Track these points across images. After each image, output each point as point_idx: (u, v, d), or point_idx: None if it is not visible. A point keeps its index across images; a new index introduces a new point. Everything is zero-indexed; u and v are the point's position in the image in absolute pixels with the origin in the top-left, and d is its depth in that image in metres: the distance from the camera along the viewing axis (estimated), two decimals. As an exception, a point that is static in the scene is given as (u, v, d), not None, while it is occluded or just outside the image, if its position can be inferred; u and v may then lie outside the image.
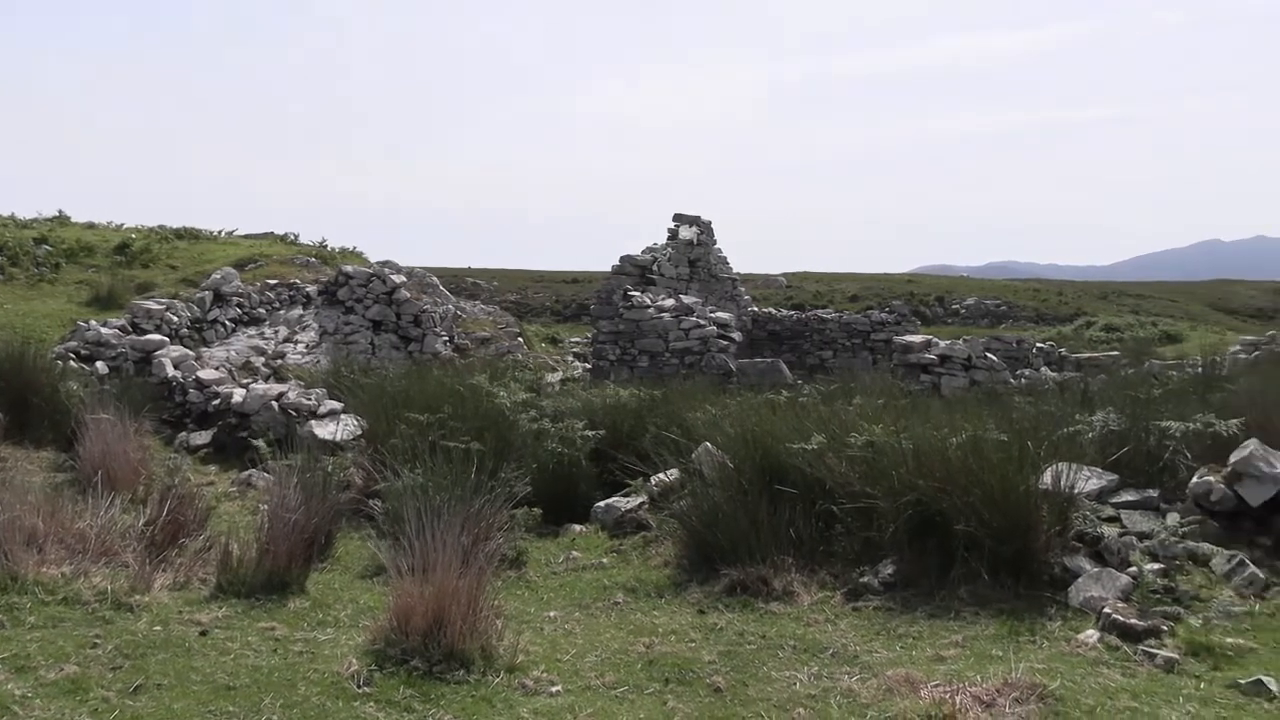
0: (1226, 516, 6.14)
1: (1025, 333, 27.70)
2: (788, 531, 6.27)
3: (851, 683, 4.49)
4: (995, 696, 4.15)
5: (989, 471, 5.79)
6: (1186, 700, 4.17)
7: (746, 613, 5.66)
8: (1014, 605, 5.43)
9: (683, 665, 4.81)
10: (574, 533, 7.65)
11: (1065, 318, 37.46)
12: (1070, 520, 5.94)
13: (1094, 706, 4.09)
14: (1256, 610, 5.23)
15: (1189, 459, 6.67)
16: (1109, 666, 4.56)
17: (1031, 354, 20.81)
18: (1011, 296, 41.46)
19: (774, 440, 6.80)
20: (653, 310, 18.72)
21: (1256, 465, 6.08)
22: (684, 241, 23.42)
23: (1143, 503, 6.45)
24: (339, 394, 11.28)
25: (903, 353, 17.09)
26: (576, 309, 37.11)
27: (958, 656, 4.78)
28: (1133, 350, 20.28)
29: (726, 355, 17.91)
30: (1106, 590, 5.36)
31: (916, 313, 31.03)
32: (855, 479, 6.23)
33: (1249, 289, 49.96)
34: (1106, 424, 7.19)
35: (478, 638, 4.77)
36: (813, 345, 25.55)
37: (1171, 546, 5.83)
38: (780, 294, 39.43)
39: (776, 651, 4.99)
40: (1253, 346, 15.73)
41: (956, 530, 5.72)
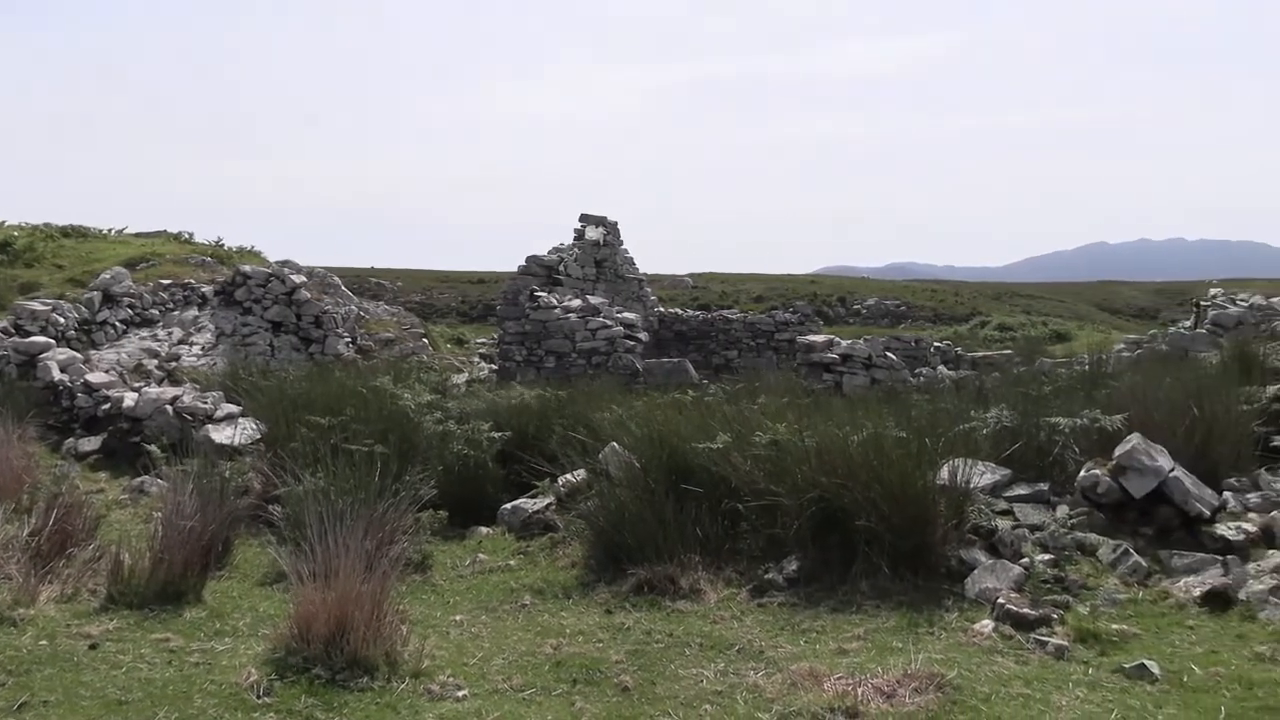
0: (1112, 508, 6.40)
1: (923, 332, 28.41)
2: (694, 530, 6.32)
3: (757, 678, 4.55)
4: (896, 687, 4.26)
5: (889, 468, 5.93)
6: (1075, 685, 4.33)
7: (654, 611, 5.69)
8: (913, 598, 5.57)
9: (590, 665, 4.81)
10: (481, 535, 7.59)
11: (961, 318, 38.54)
12: (966, 514, 6.12)
13: (989, 694, 4.22)
14: (1140, 597, 5.47)
15: (1077, 453, 6.94)
16: (1003, 655, 4.71)
17: (929, 353, 21.35)
18: (910, 297, 42.48)
19: (680, 440, 6.85)
20: (559, 311, 18.67)
21: (1139, 459, 6.36)
22: (590, 242, 23.41)
23: (1034, 496, 6.69)
24: (237, 397, 10.97)
25: (806, 352, 17.37)
26: (483, 310, 36.79)
27: (860, 649, 4.89)
28: (1025, 349, 20.95)
29: (633, 355, 17.96)
30: (1000, 581, 5.54)
31: (819, 313, 31.56)
32: (760, 477, 6.31)
33: (1132, 290, 52.12)
34: (1000, 420, 7.43)
35: (382, 643, 4.69)
36: (718, 345, 25.77)
37: (1061, 538, 6.06)
38: (686, 294, 39.71)
39: (683, 649, 5.03)
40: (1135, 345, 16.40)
41: (858, 526, 5.84)
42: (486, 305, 35.78)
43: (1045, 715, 4.02)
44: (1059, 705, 4.11)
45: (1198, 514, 6.21)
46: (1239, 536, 6.00)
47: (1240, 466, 7.10)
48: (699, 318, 27.02)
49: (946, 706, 4.09)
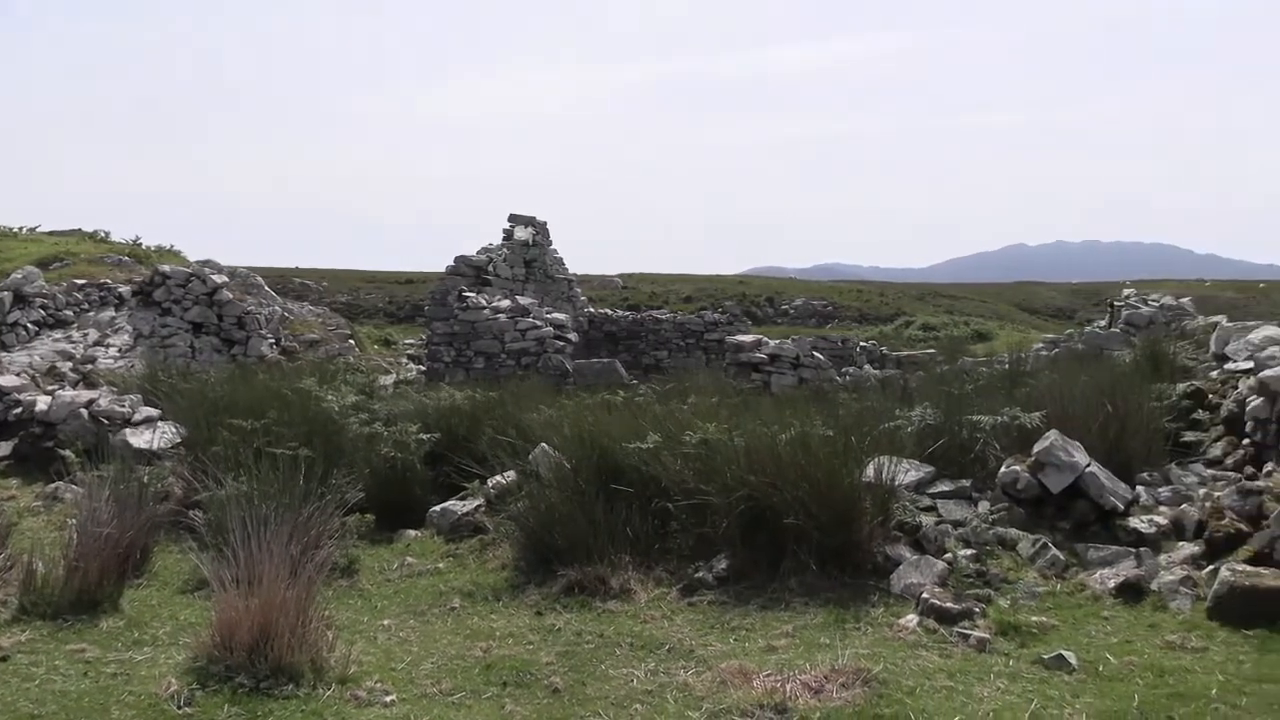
0: (1031, 503, 6.57)
1: (850, 332, 28.83)
2: (624, 530, 6.33)
3: (687, 677, 4.57)
4: (823, 683, 4.32)
5: (816, 466, 6.01)
6: (997, 677, 4.44)
7: (584, 612, 5.68)
8: (841, 594, 5.65)
9: (521, 668, 4.79)
10: (409, 538, 7.51)
11: (886, 317, 39.17)
12: (891, 511, 6.23)
13: (914, 687, 4.30)
14: (1058, 590, 5.62)
15: (998, 450, 7.11)
16: (927, 649, 4.81)
17: (855, 352, 21.67)
18: (837, 297, 43.06)
19: (610, 440, 6.86)
20: (488, 311, 18.55)
21: (1056, 455, 6.54)
22: (520, 242, 23.29)
23: (957, 492, 6.84)
24: (156, 400, 10.68)
25: (735, 352, 17.50)
26: (410, 310, 36.34)
27: (788, 646, 4.94)
28: (948, 348, 21.36)
29: (563, 356, 17.92)
30: (925, 576, 5.64)
31: (748, 313, 31.83)
32: (690, 476, 6.35)
33: (1050, 290, 53.52)
34: (924, 419, 7.58)
35: (307, 650, 4.61)
36: (648, 345, 25.84)
37: (983, 533, 6.20)
38: (616, 295, 39.73)
39: (614, 649, 5.03)
40: (1053, 344, 16.83)
41: (787, 524, 5.91)
42: (414, 306, 35.35)
43: (968, 707, 4.11)
44: (981, 696, 4.20)
45: (1112, 508, 6.41)
46: (1151, 529, 6.20)
47: (1152, 461, 7.34)
48: (629, 318, 27.06)
49: (872, 700, 4.16)
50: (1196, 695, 4.16)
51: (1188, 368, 10.01)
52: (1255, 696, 4.14)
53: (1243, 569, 5.19)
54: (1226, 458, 7.66)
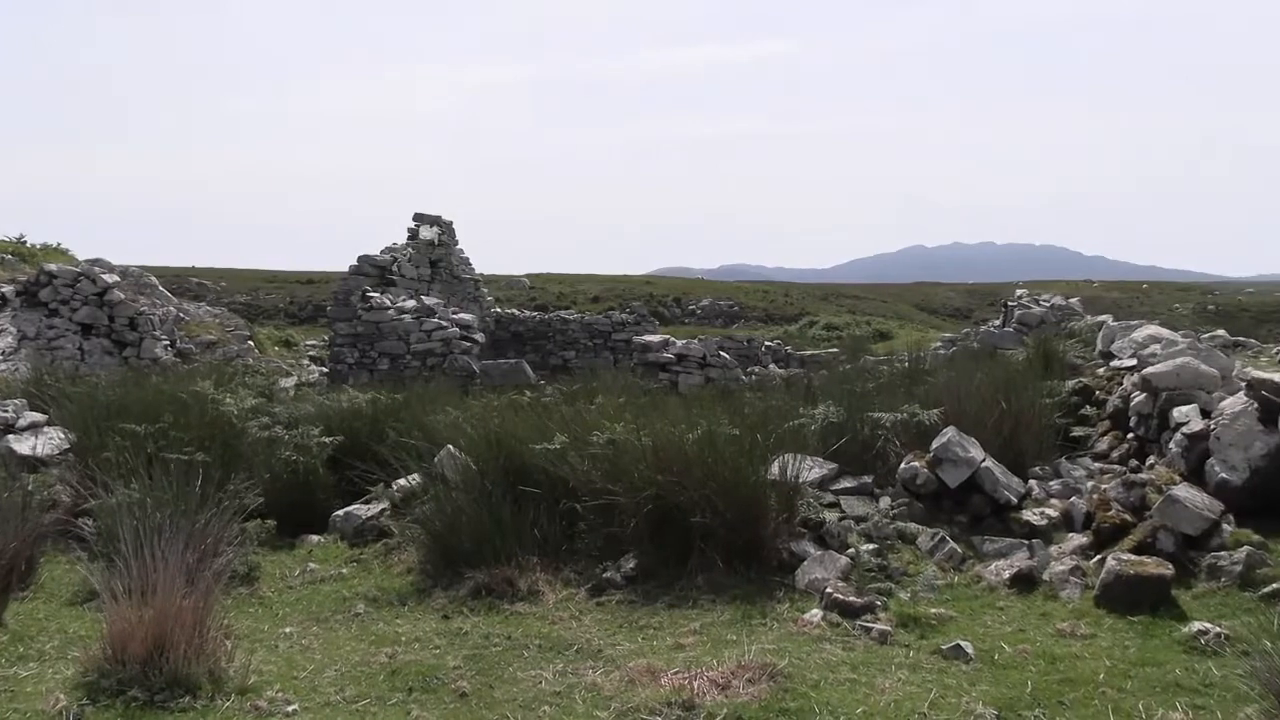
0: (930, 498, 6.75)
1: (755, 332, 29.20)
2: (532, 531, 6.31)
3: (596, 677, 4.58)
4: (730, 679, 4.37)
5: (723, 465, 6.07)
6: (898, 668, 4.54)
7: (492, 615, 5.65)
8: (747, 590, 5.72)
9: (427, 673, 4.73)
10: (311, 543, 7.36)
11: (791, 317, 39.76)
12: (796, 508, 6.33)
13: (818, 681, 4.38)
14: (955, 582, 5.79)
15: (898, 447, 7.29)
16: (831, 642, 4.89)
17: (761, 352, 21.97)
18: (743, 298, 43.53)
19: (517, 441, 6.82)
20: (393, 312, 18.28)
21: (954, 451, 6.73)
22: (425, 242, 23.01)
23: (859, 488, 6.98)
24: (42, 405, 10.25)
25: (642, 352, 17.59)
26: (313, 311, 35.55)
27: (696, 643, 4.98)
28: (850, 347, 21.79)
29: (470, 357, 17.76)
30: (828, 571, 5.75)
31: (655, 313, 32.00)
32: (598, 477, 6.35)
33: (948, 290, 55.01)
34: (827, 416, 7.72)
35: (205, 660, 4.49)
36: (556, 346, 25.80)
37: (884, 528, 6.35)
38: (523, 295, 39.52)
39: (522, 652, 5.01)
40: (950, 343, 17.33)
41: (694, 522, 5.96)
42: (317, 306, 34.59)
43: (870, 698, 4.20)
44: (882, 688, 4.30)
45: (1006, 501, 6.62)
46: (1043, 521, 6.43)
47: (1043, 455, 7.62)
48: (536, 318, 26.98)
49: (778, 695, 4.22)
50: (1085, 680, 4.32)
51: (1076, 365, 10.41)
52: (1139, 680, 4.32)
53: (1127, 558, 5.41)
54: (1112, 451, 7.99)
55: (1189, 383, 7.44)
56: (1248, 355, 12.16)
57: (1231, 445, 6.33)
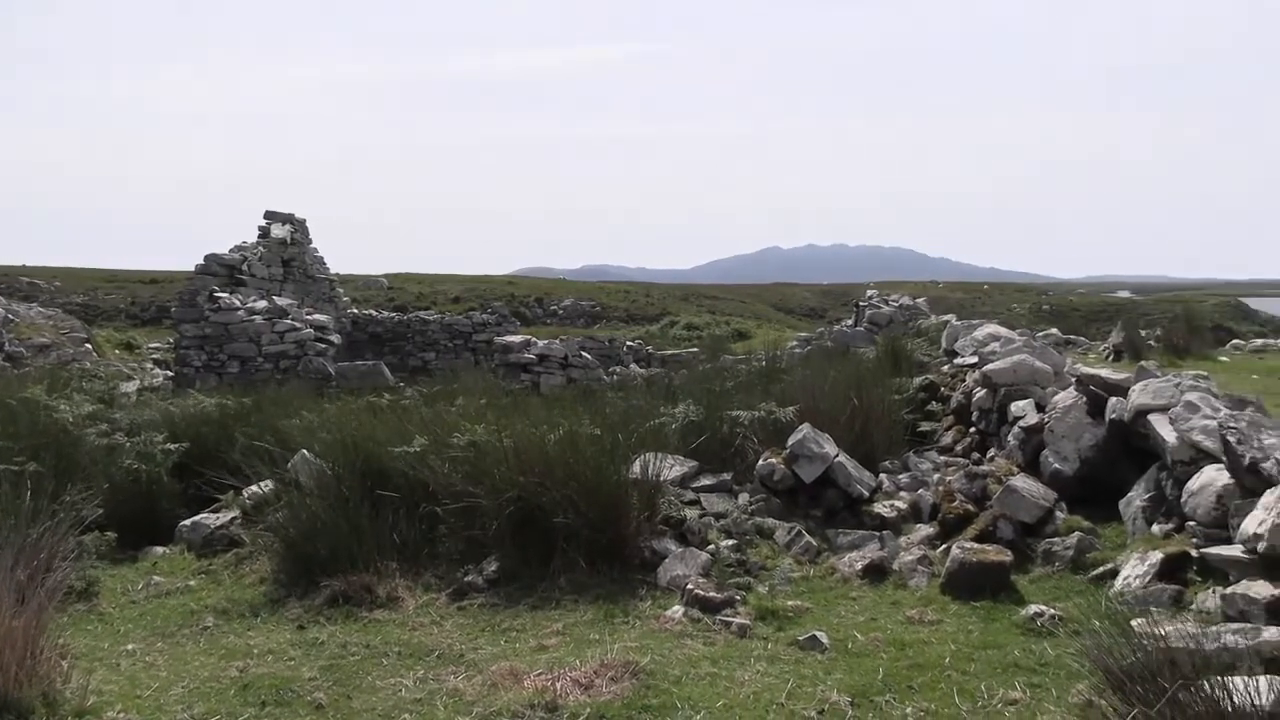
0: (787, 493, 6.93)
1: (617, 332, 29.36)
2: (391, 536, 6.19)
3: (457, 682, 4.52)
4: (593, 678, 4.38)
5: (584, 465, 6.09)
6: (757, 660, 4.64)
7: (350, 623, 5.51)
8: (610, 589, 5.75)
9: (281, 685, 4.58)
10: (156, 555, 7.04)
11: (652, 317, 40.13)
12: (658, 506, 6.40)
13: (680, 676, 4.44)
14: (811, 574, 5.96)
15: (756, 444, 7.46)
16: (692, 638, 4.96)
17: (622, 352, 22.11)
18: (605, 298, 43.70)
19: (375, 444, 6.69)
20: (243, 313, 17.63)
21: (808, 447, 6.93)
22: (277, 240, 22.26)
23: (719, 486, 7.11)
24: None
25: (503, 353, 17.47)
26: (157, 312, 33.90)
27: (559, 644, 4.98)
28: (710, 347, 22.16)
29: (325, 359, 17.29)
30: (689, 568, 5.83)
31: (517, 313, 31.80)
32: (458, 479, 6.28)
33: (803, 291, 56.56)
34: (687, 415, 7.84)
35: (38, 683, 4.23)
36: (415, 347, 25.35)
37: (743, 524, 6.48)
38: (381, 295, 38.66)
39: (381, 660, 4.91)
40: (805, 342, 17.83)
41: (556, 523, 5.95)
42: (161, 307, 33.01)
43: (730, 691, 4.28)
44: (742, 680, 4.39)
45: (859, 495, 6.86)
46: (892, 513, 6.68)
47: (893, 450, 7.92)
48: (394, 319, 26.46)
49: (640, 692, 4.26)
50: (933, 664, 4.51)
51: (923, 363, 10.87)
52: (982, 661, 4.54)
53: (970, 546, 5.67)
54: (957, 445, 8.38)
55: (1025, 379, 7.86)
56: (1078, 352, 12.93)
57: (1064, 437, 6.72)
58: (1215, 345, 14.55)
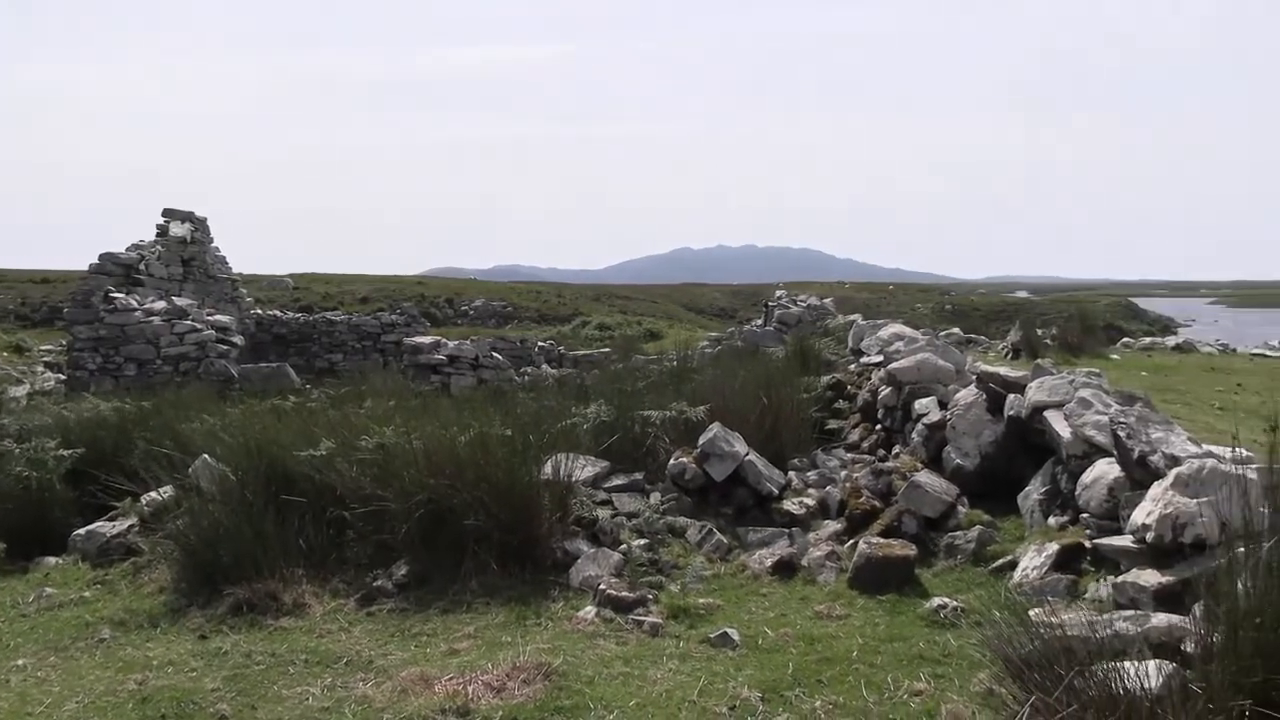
0: (698, 492, 6.99)
1: (529, 332, 29.20)
2: (297, 542, 6.07)
3: (366, 689, 4.45)
4: (505, 681, 4.36)
5: (495, 466, 6.05)
6: (669, 659, 4.67)
7: (254, 632, 5.38)
8: (522, 591, 5.72)
9: (182, 697, 4.45)
10: (48, 566, 6.78)
11: (564, 318, 40.04)
12: (570, 506, 6.39)
13: (593, 677, 4.44)
14: (722, 572, 6.02)
15: (668, 443, 7.50)
16: (605, 638, 4.97)
17: (534, 352, 22.00)
18: (516, 298, 43.45)
19: (280, 448, 6.55)
20: (140, 314, 17.05)
21: (719, 445, 6.99)
22: (176, 239, 21.59)
23: (631, 485, 7.13)
24: None
25: (413, 354, 17.24)
26: (48, 313, 32.57)
27: (470, 648, 4.94)
28: (621, 347, 22.17)
29: (227, 361, 16.84)
30: (601, 568, 5.84)
31: (426, 314, 31.42)
32: (367, 482, 6.19)
33: (714, 291, 57.08)
34: (599, 415, 7.85)
35: (-81, 703, 4.05)
36: (322, 348, 24.84)
37: (655, 523, 6.51)
38: (287, 295, 37.81)
39: (287, 668, 4.80)
40: (716, 342, 17.98)
41: (467, 525, 5.90)
42: (53, 308, 31.72)
43: (643, 690, 4.30)
44: (655, 679, 4.41)
45: (769, 492, 6.95)
46: (801, 510, 6.78)
47: (802, 448, 8.04)
48: (300, 320, 25.89)
49: (553, 693, 4.25)
50: (841, 658, 4.60)
51: (831, 362, 11.05)
52: (888, 654, 4.64)
53: (877, 541, 5.80)
54: (863, 442, 8.55)
55: (928, 377, 8.06)
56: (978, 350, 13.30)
57: (965, 434, 6.90)
58: (1107, 344, 15.14)
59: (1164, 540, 4.30)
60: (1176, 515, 4.28)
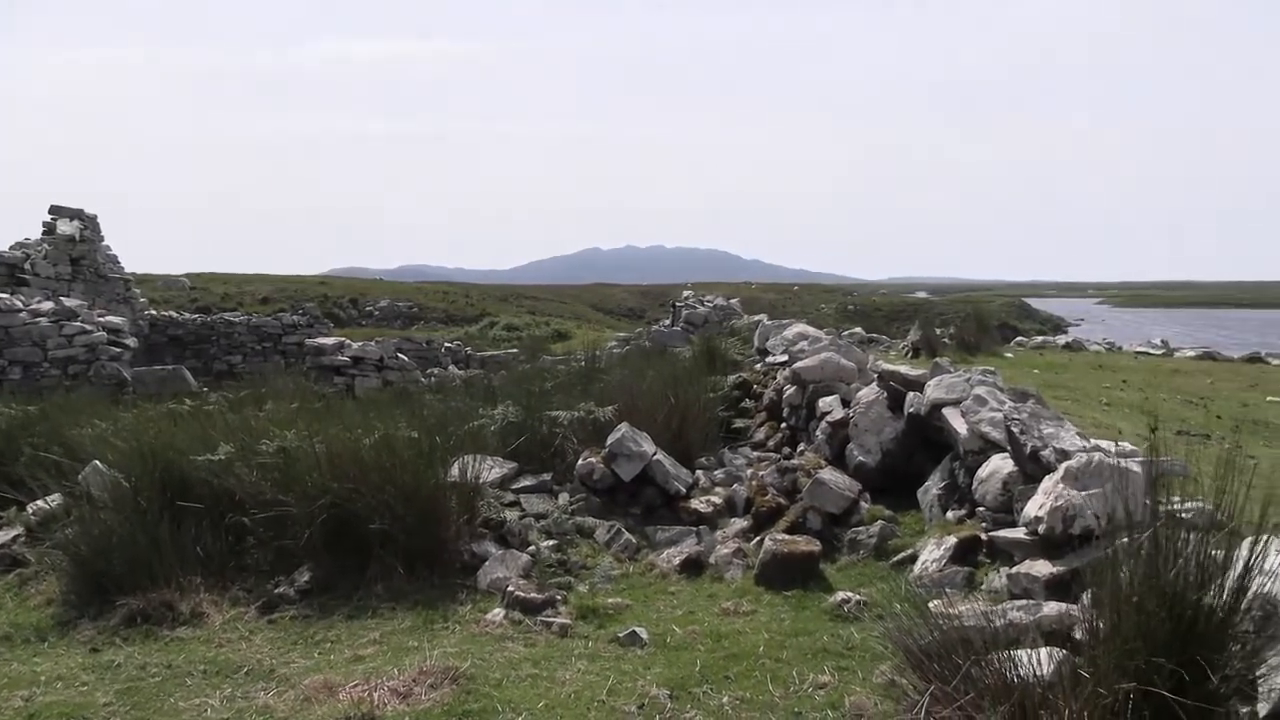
0: (606, 492, 7.00)
1: (435, 333, 28.88)
2: (195, 549, 5.90)
3: (268, 699, 4.35)
4: (412, 686, 4.30)
5: (401, 468, 5.97)
6: (578, 659, 4.67)
7: (149, 643, 5.21)
8: (429, 595, 5.65)
9: (72, 713, 4.29)
10: (-75, 580, 6.45)
11: (472, 318, 39.71)
12: (477, 508, 6.34)
13: (501, 679, 4.41)
14: (631, 571, 6.04)
15: (576, 444, 7.50)
16: (513, 640, 4.95)
17: (441, 353, 21.76)
18: (423, 299, 42.93)
19: (177, 453, 6.36)
20: (26, 315, 16.35)
21: (627, 445, 7.02)
22: (64, 237, 20.77)
23: (539, 486, 7.11)
24: None
25: (316, 355, 16.91)
26: (-77, 314, 31.07)
27: (376, 654, 4.86)
28: (530, 348, 22.10)
29: (120, 363, 16.26)
30: (510, 570, 5.81)
31: (330, 315, 30.86)
32: (268, 487, 6.05)
33: (622, 292, 57.23)
34: (507, 416, 7.81)
35: None
36: (220, 350, 24.20)
37: (563, 524, 6.51)
38: (184, 296, 36.68)
39: (184, 680, 4.66)
40: (624, 342, 18.04)
41: (372, 529, 5.81)
42: (-72, 309, 30.27)
43: (551, 691, 4.29)
44: (563, 680, 4.41)
45: (676, 491, 7.00)
46: (709, 509, 6.85)
47: (709, 447, 8.12)
48: (198, 321, 25.17)
49: (461, 697, 4.21)
50: (748, 654, 4.66)
51: (737, 361, 11.19)
52: (793, 649, 4.71)
53: (782, 538, 5.88)
54: (769, 440, 8.67)
55: (832, 375, 8.22)
56: (880, 350, 13.60)
57: (867, 431, 7.06)
58: (1001, 343, 15.63)
59: (1055, 532, 4.46)
60: (1066, 507, 4.44)
